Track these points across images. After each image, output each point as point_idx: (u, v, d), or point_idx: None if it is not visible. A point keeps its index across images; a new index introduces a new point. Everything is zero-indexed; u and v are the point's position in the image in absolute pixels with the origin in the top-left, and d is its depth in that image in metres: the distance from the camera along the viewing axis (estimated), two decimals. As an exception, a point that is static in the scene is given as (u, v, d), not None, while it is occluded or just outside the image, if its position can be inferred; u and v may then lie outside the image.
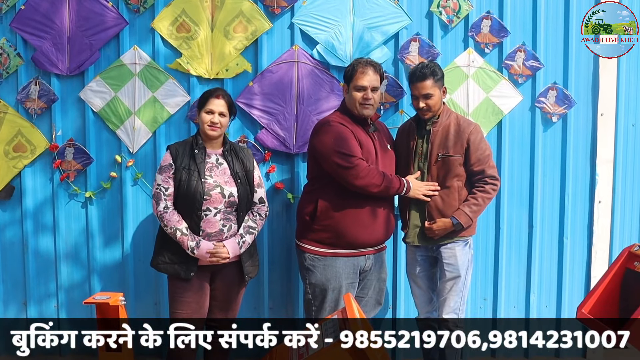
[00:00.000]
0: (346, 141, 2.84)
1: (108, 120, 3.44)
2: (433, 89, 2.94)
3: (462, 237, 3.03)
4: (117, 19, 3.39)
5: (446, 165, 2.98)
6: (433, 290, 3.18)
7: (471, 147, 2.97)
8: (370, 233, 2.92)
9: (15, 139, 3.42)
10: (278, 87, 3.46)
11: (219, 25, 3.43)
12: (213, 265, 2.84)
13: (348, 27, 3.49)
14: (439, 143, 3.00)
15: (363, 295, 3.05)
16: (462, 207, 2.97)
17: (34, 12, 3.36)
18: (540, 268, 3.75)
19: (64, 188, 3.47)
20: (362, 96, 2.89)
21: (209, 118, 2.84)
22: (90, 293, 3.46)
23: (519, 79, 3.62)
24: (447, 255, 3.03)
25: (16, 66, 3.40)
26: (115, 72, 3.42)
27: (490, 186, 2.99)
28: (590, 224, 3.77)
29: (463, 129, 2.98)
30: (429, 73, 2.93)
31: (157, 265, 2.88)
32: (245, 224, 2.90)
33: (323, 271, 2.92)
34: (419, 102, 2.97)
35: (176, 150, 2.86)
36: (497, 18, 3.57)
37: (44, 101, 3.41)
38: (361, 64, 2.92)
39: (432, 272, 3.16)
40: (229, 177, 2.86)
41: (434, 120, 3.02)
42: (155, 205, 2.82)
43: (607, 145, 3.72)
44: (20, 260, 3.50)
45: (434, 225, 2.99)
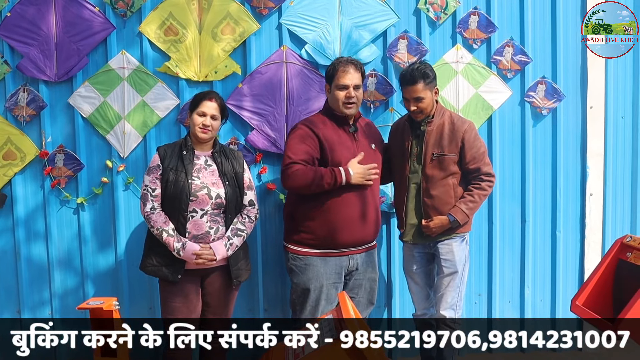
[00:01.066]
0: (295, 144, 2.90)
1: (98, 126, 3.43)
2: (424, 92, 2.94)
3: (459, 233, 3.05)
4: (104, 23, 3.38)
5: (441, 164, 2.99)
6: (430, 287, 3.19)
7: (466, 145, 2.98)
8: (350, 233, 2.93)
9: (4, 147, 3.40)
10: (267, 88, 3.45)
11: (206, 27, 3.42)
12: (202, 269, 2.83)
13: (336, 26, 3.49)
14: (433, 142, 3.01)
15: (354, 295, 3.05)
16: (458, 204, 2.99)
17: (20, 18, 3.34)
18: (534, 262, 3.77)
19: (55, 195, 3.45)
20: (345, 95, 2.91)
21: (200, 120, 2.84)
22: (84, 299, 3.44)
23: (508, 74, 3.63)
24: (445, 251, 3.05)
25: (3, 74, 3.37)
26: (104, 77, 3.40)
27: (486, 183, 3.01)
28: (583, 217, 3.79)
29: (457, 128, 2.99)
30: (419, 76, 2.92)
31: (145, 267, 2.88)
32: (234, 227, 2.87)
33: (304, 271, 2.95)
34: (410, 105, 2.98)
35: (164, 151, 2.86)
36: (484, 14, 3.58)
37: (33, 108, 3.39)
38: (342, 63, 2.94)
39: (429, 268, 3.17)
40: (217, 178, 2.85)
41: (428, 120, 3.02)
42: (142, 206, 2.82)
43: (597, 138, 3.75)
44: (13, 269, 3.47)
45: (430, 223, 3.00)
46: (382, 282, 3.60)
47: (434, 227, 2.99)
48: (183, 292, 2.82)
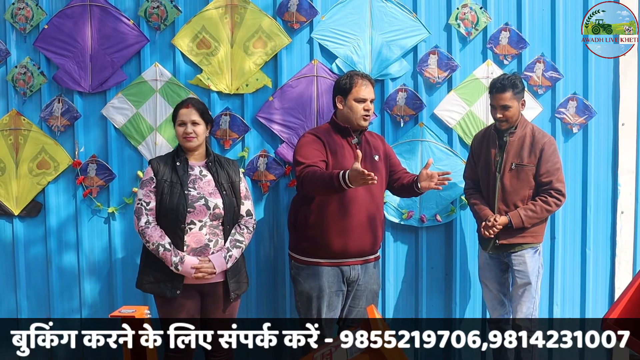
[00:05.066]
0: (304, 150, 2.90)
1: (130, 137, 3.48)
2: (511, 101, 3.06)
3: (531, 244, 3.15)
4: (138, 36, 3.43)
5: (519, 174, 3.11)
6: (504, 295, 3.29)
7: (543, 158, 3.08)
8: (349, 243, 2.93)
9: (39, 156, 3.46)
10: (298, 101, 3.47)
11: (238, 41, 3.46)
12: (200, 285, 2.73)
13: (367, 41, 3.51)
14: (514, 153, 3.12)
15: (354, 305, 3.07)
16: (520, 209, 3.10)
17: (57, 31, 3.41)
18: (563, 279, 3.72)
19: (86, 204, 3.50)
20: (364, 108, 2.94)
21: (182, 130, 2.77)
22: (113, 309, 3.45)
23: (538, 90, 3.61)
24: (517, 262, 3.16)
25: (39, 84, 3.44)
26: (137, 88, 3.45)
27: (553, 199, 3.09)
28: (614, 235, 3.73)
29: (537, 140, 3.10)
30: (509, 85, 3.05)
31: (142, 285, 2.78)
32: (232, 237, 2.80)
33: (306, 279, 2.97)
34: (497, 113, 3.09)
35: (157, 163, 2.78)
36: (515, 29, 3.57)
37: (67, 118, 3.45)
38: (359, 77, 2.97)
39: (503, 277, 3.30)
40: (214, 188, 2.78)
41: (512, 131, 3.13)
42: (137, 220, 2.73)
43: (629, 155, 3.70)
44: (45, 277, 3.52)
45: (492, 220, 3.11)
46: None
47: (496, 225, 3.09)
48: (184, 308, 2.72)
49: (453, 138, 3.60)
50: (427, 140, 3.55)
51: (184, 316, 2.69)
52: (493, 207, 3.19)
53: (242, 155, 3.50)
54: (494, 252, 3.22)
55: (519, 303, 3.18)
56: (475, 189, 3.34)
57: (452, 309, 3.67)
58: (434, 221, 3.58)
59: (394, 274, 3.65)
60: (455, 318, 3.67)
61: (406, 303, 3.69)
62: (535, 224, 3.13)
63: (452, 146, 3.59)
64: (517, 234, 3.12)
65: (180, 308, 2.71)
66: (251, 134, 3.51)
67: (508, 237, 3.14)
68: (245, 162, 3.51)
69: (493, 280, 3.29)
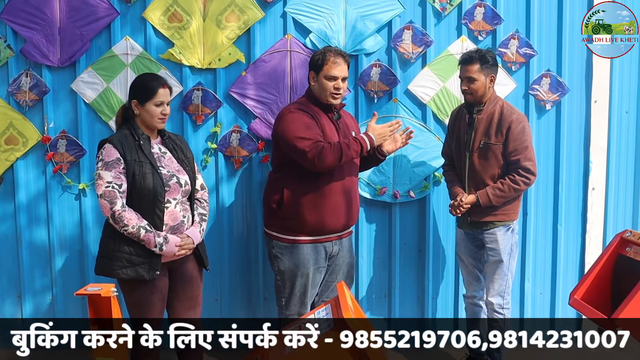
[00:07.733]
0: (305, 125, 2.85)
1: (100, 112, 3.42)
2: (478, 74, 3.02)
3: (503, 222, 3.13)
4: (108, 9, 3.36)
5: (487, 152, 3.08)
6: (480, 270, 3.31)
7: (510, 136, 3.03)
8: (335, 219, 2.95)
9: (6, 132, 3.40)
10: (271, 76, 3.44)
11: (211, 14, 3.40)
12: (170, 262, 2.68)
13: (341, 16, 3.47)
14: (482, 131, 3.09)
15: (332, 280, 3.10)
16: (488, 188, 3.08)
17: (24, 3, 3.32)
18: (534, 255, 3.77)
19: (57, 180, 3.45)
20: (334, 86, 2.90)
21: (159, 110, 2.64)
22: (85, 284, 3.44)
23: (512, 67, 3.61)
24: (489, 239, 3.16)
25: (6, 58, 3.36)
26: (107, 63, 3.39)
27: (522, 178, 3.04)
28: (584, 211, 3.78)
29: (505, 118, 3.05)
30: (477, 58, 3.02)
31: (112, 272, 2.58)
32: (197, 212, 2.79)
33: (290, 258, 2.96)
34: (462, 85, 3.07)
35: (120, 142, 2.58)
36: (490, 5, 3.56)
37: (36, 93, 3.38)
38: (332, 53, 2.91)
39: (479, 253, 3.29)
40: (178, 165, 2.72)
41: (480, 108, 3.10)
42: (109, 205, 2.51)
43: (601, 133, 3.73)
44: (15, 254, 3.48)
45: (458, 200, 3.13)
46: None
47: (462, 205, 3.10)
48: (157, 288, 2.64)
49: (427, 114, 3.60)
50: (400, 116, 3.54)
51: (158, 297, 2.65)
52: (464, 185, 3.19)
53: (214, 131, 3.47)
54: (467, 229, 3.24)
55: (492, 280, 3.19)
56: (450, 166, 3.34)
57: (425, 285, 3.71)
58: (407, 197, 3.59)
59: (367, 250, 3.67)
60: (429, 294, 3.71)
61: (379, 279, 3.73)
62: (507, 202, 3.11)
63: (426, 122, 3.59)
64: (489, 212, 3.12)
65: (155, 289, 2.63)
66: (224, 109, 3.48)
67: (480, 215, 3.14)
68: (218, 137, 3.47)
69: (468, 255, 3.31)
